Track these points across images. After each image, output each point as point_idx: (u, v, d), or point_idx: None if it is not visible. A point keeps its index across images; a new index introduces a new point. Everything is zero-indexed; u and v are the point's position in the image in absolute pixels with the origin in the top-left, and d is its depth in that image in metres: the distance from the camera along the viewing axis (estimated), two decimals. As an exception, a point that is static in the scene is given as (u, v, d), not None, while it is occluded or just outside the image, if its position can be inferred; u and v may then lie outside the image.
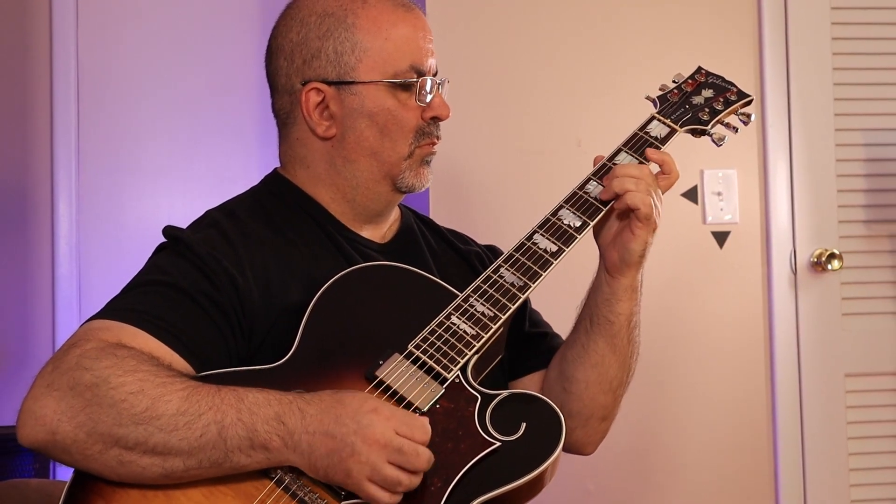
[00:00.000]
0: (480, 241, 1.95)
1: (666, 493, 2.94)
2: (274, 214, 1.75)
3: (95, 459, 1.46)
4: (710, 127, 1.80)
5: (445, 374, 1.55)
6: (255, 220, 1.73)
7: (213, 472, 1.47)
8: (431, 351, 1.57)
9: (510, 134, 2.91)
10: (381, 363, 1.56)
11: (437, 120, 1.77)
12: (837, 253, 3.02)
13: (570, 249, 1.67)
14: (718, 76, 1.86)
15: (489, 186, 2.88)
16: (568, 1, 2.95)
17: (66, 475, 1.52)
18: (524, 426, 1.52)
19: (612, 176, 1.69)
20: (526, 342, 1.86)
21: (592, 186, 1.71)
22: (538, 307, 1.94)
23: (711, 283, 2.99)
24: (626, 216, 1.69)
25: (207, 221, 1.71)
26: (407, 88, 1.74)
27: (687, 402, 2.95)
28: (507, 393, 1.56)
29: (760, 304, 3.01)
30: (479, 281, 1.65)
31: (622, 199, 1.67)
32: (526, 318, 1.88)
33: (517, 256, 1.66)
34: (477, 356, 1.59)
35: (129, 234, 3.06)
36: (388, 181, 1.76)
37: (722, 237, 3.00)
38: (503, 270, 1.65)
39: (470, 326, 1.60)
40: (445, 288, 1.68)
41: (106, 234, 3.07)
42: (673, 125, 1.77)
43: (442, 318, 1.61)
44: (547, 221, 1.69)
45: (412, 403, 1.53)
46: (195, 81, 3.13)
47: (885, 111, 3.11)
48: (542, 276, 1.65)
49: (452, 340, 1.58)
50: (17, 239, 3.05)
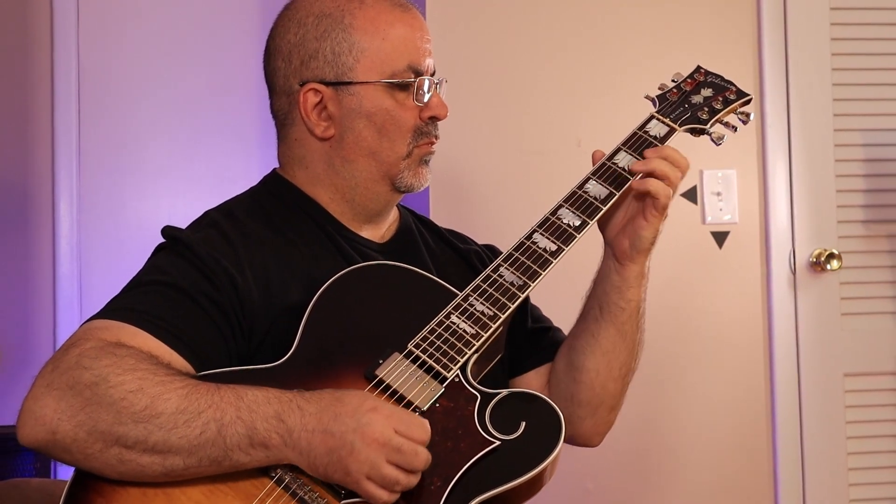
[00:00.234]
0: (480, 241, 1.95)
1: (665, 491, 2.94)
2: (273, 214, 1.75)
3: (96, 458, 1.46)
4: (709, 126, 1.80)
5: (445, 373, 1.56)
6: (254, 220, 1.73)
7: (213, 469, 1.47)
8: (431, 350, 1.57)
9: (510, 134, 2.91)
10: (380, 362, 1.56)
11: (435, 119, 1.77)
12: (836, 253, 3.02)
13: (569, 248, 1.67)
14: (717, 75, 1.86)
15: (489, 186, 2.88)
16: (568, 1, 2.95)
17: (66, 475, 1.52)
18: (524, 425, 1.52)
19: (656, 154, 1.70)
20: (530, 338, 1.87)
21: (592, 186, 1.71)
22: (538, 306, 1.94)
23: (711, 283, 2.99)
24: (638, 202, 1.70)
25: (207, 222, 1.71)
26: (405, 88, 1.74)
27: (686, 401, 2.95)
28: (506, 392, 1.56)
29: (760, 303, 3.01)
30: (478, 280, 1.65)
31: (647, 182, 1.68)
32: (528, 315, 1.89)
33: (517, 256, 1.67)
34: (477, 355, 1.59)
35: (129, 233, 3.06)
36: (386, 181, 1.76)
37: (721, 237, 3.00)
38: (503, 270, 1.66)
39: (469, 325, 1.60)
40: (445, 287, 1.68)
41: (107, 233, 3.07)
42: (672, 124, 1.77)
43: (441, 317, 1.61)
44: (546, 221, 1.69)
45: (412, 403, 1.53)
46: (196, 81, 3.13)
47: (884, 111, 3.10)
48: (541, 275, 1.65)
49: (452, 339, 1.58)
50: (18, 238, 3.05)
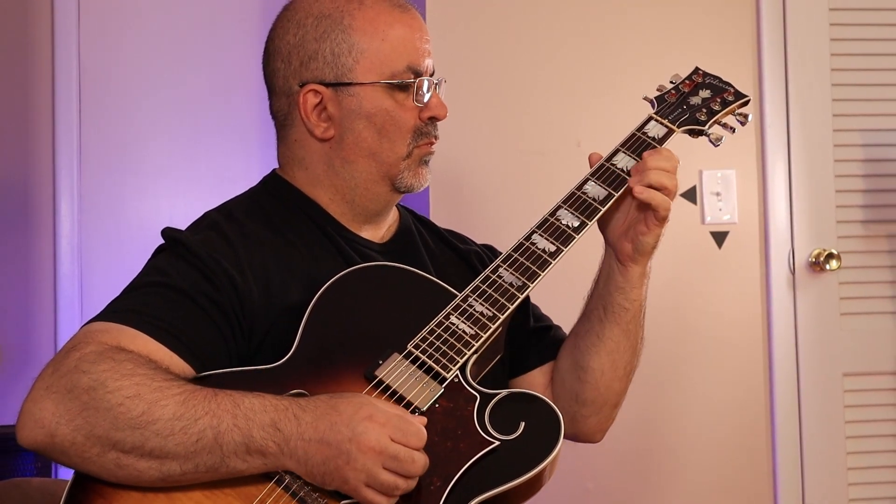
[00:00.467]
0: (480, 241, 1.95)
1: (664, 491, 2.94)
2: (273, 215, 1.75)
3: (93, 462, 1.47)
4: (707, 127, 1.79)
5: (444, 373, 1.56)
6: (253, 220, 1.73)
7: (210, 475, 1.47)
8: (430, 351, 1.57)
9: (510, 134, 2.91)
10: (380, 363, 1.56)
11: (434, 120, 1.77)
12: (836, 253, 3.02)
13: (568, 249, 1.67)
14: (716, 77, 1.86)
15: (489, 187, 2.89)
16: (568, 1, 2.95)
17: (67, 474, 1.52)
18: (523, 425, 1.52)
19: (645, 168, 1.68)
20: (532, 337, 1.87)
21: (591, 187, 1.71)
22: (538, 305, 1.94)
23: (710, 283, 2.99)
24: (640, 209, 1.70)
25: (206, 223, 1.71)
26: (404, 89, 1.74)
27: (685, 401, 2.96)
28: (505, 392, 1.57)
29: (759, 304, 3.01)
30: (477, 281, 1.65)
31: (647, 194, 1.67)
32: (529, 314, 1.89)
33: (516, 256, 1.67)
34: (476, 356, 1.59)
35: (130, 233, 3.07)
36: (386, 181, 1.76)
37: (720, 237, 3.00)
38: (502, 271, 1.66)
39: (469, 326, 1.60)
40: (444, 288, 1.68)
41: (107, 233, 3.07)
42: (670, 126, 1.77)
43: (441, 317, 1.61)
44: (545, 222, 1.69)
45: (411, 403, 1.53)
46: (196, 82, 3.13)
47: (883, 112, 3.11)
48: (540, 276, 1.65)
49: (451, 340, 1.59)
50: (18, 238, 3.05)
